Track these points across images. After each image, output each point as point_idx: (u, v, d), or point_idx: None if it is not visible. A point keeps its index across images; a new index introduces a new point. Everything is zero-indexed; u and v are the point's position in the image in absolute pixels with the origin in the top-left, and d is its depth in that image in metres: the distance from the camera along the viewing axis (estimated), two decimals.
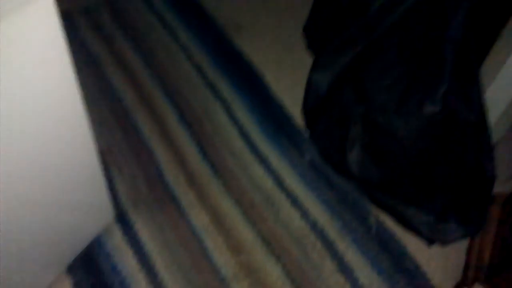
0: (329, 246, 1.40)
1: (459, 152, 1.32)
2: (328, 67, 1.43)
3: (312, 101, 1.49)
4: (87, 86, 0.93)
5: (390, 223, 1.45)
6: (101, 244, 1.35)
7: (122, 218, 1.40)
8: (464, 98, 1.28)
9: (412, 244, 1.42)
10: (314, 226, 1.43)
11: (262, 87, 1.72)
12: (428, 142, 1.28)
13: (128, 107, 1.63)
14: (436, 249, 1.41)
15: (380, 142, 1.34)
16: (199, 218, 1.42)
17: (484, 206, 1.38)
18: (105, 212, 1.37)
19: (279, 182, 1.51)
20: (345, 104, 1.41)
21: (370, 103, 1.34)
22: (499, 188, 1.42)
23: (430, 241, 1.42)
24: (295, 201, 1.48)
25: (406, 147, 1.30)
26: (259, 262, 1.36)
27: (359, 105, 1.36)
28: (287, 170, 1.54)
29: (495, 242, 1.33)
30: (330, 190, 1.51)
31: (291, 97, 1.69)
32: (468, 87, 1.28)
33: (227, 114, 1.64)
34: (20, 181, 0.97)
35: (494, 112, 1.41)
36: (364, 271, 1.37)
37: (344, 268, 1.37)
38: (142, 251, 1.35)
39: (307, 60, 1.57)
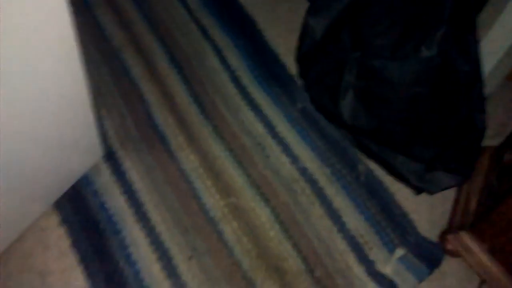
0: (318, 191, 1.40)
1: (451, 101, 1.32)
2: (324, 11, 1.40)
3: (307, 47, 1.47)
4: (77, 26, 0.90)
5: (379, 172, 1.46)
6: (89, 182, 1.34)
7: (110, 158, 1.38)
8: (460, 46, 1.27)
9: (400, 192, 1.43)
10: (303, 172, 1.43)
11: (256, 34, 1.69)
12: (422, 88, 1.28)
13: (118, 48, 1.59)
14: (423, 198, 1.43)
15: (373, 87, 1.33)
16: (189, 160, 1.41)
17: (473, 156, 1.39)
18: (94, 150, 1.35)
19: (270, 128, 1.50)
20: (340, 49, 1.40)
21: (366, 47, 1.32)
22: (488, 141, 1.43)
23: (418, 190, 1.43)
24: (285, 148, 1.47)
25: (400, 93, 1.29)
26: (248, 204, 1.36)
27: (355, 50, 1.35)
28: (279, 117, 1.53)
29: (482, 191, 1.34)
30: (321, 138, 1.50)
31: (285, 45, 1.67)
32: (465, 34, 1.27)
33: (219, 59, 1.61)
34: (12, 115, 0.94)
35: (487, 65, 1.41)
36: (351, 216, 1.38)
37: (332, 213, 1.38)
38: (131, 190, 1.34)
39: (303, 8, 1.54)
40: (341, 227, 1.36)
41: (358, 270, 1.30)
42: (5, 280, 1.18)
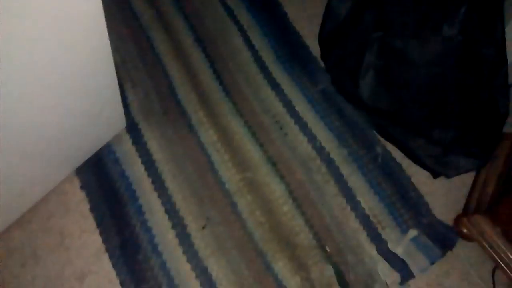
0: (334, 170, 1.41)
1: (473, 84, 1.31)
2: None
3: (329, 28, 1.48)
4: (105, 2, 0.94)
5: (396, 154, 1.45)
6: (111, 151, 1.39)
7: (133, 129, 1.43)
8: (485, 28, 1.25)
9: (417, 175, 1.43)
10: (320, 151, 1.44)
11: (281, 16, 1.70)
12: (443, 69, 1.27)
13: (146, 26, 1.63)
14: (440, 182, 1.42)
15: (394, 67, 1.33)
16: (208, 135, 1.44)
17: (493, 141, 1.37)
18: (117, 121, 1.39)
19: (290, 108, 1.52)
20: (362, 30, 1.40)
21: (388, 27, 1.32)
22: (510, 128, 1.41)
23: (435, 174, 1.42)
24: (304, 127, 1.48)
25: (420, 73, 1.29)
26: (263, 179, 1.38)
27: (376, 30, 1.35)
28: (299, 97, 1.54)
29: (500, 176, 1.32)
30: (340, 119, 1.51)
31: (308, 27, 1.67)
32: (491, 16, 1.25)
33: (243, 39, 1.64)
34: (43, 86, 1.00)
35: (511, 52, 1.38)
36: (366, 196, 1.38)
37: (346, 192, 1.38)
38: (150, 160, 1.38)
39: None
40: (355, 206, 1.36)
41: (369, 248, 1.30)
42: (28, 236, 1.24)
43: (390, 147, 1.46)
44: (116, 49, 1.13)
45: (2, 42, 0.80)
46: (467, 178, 1.41)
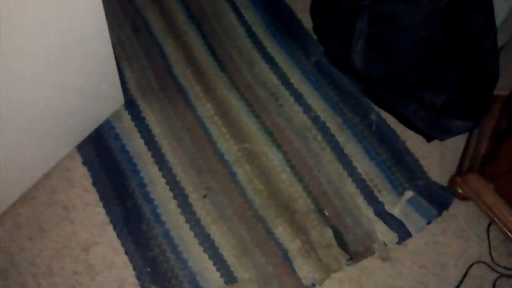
0: (330, 138, 1.44)
1: (463, 46, 1.33)
2: None
3: None
4: None
5: (390, 121, 1.48)
6: (111, 127, 1.42)
7: (131, 105, 1.46)
8: None
9: (412, 140, 1.46)
10: (316, 120, 1.47)
11: None
12: (432, 31, 1.29)
13: (139, 5, 1.66)
14: (434, 145, 1.45)
15: (385, 33, 1.35)
16: (205, 109, 1.47)
17: (485, 103, 1.40)
18: (116, 98, 1.42)
19: (284, 80, 1.54)
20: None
21: None
22: (500, 92, 1.44)
23: (429, 137, 1.45)
24: (299, 98, 1.51)
25: (410, 36, 1.31)
26: (261, 149, 1.41)
27: None
28: (293, 70, 1.57)
29: (492, 135, 1.35)
30: (334, 89, 1.54)
31: (300, 2, 1.70)
32: None
33: (236, 15, 1.66)
34: (43, 64, 1.03)
35: (499, 15, 1.41)
36: (362, 161, 1.41)
37: (342, 158, 1.41)
38: (150, 135, 1.41)
39: None
40: (351, 171, 1.40)
41: (366, 210, 1.34)
42: (33, 211, 1.27)
43: (384, 114, 1.49)
44: (112, 29, 1.15)
45: (1, 23, 0.82)
46: (461, 141, 1.44)
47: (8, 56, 0.91)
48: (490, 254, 1.31)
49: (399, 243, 1.30)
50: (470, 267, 1.29)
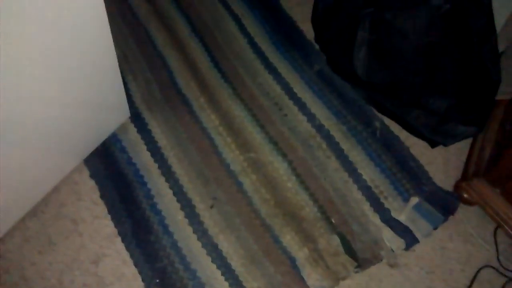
0: (334, 146, 1.45)
1: (465, 52, 1.34)
2: None
3: (322, 7, 1.53)
4: (106, 1, 1.00)
5: (394, 127, 1.49)
6: (117, 140, 1.43)
7: (137, 118, 1.47)
8: None
9: (416, 146, 1.47)
10: (320, 128, 1.48)
11: (273, 3, 1.75)
12: (433, 38, 1.30)
13: (143, 20, 1.68)
14: (439, 151, 1.46)
15: (386, 40, 1.37)
16: (210, 120, 1.48)
17: (487, 108, 1.41)
18: (121, 111, 1.44)
19: (288, 90, 1.56)
20: (353, 8, 1.44)
21: (378, 1, 1.36)
22: (502, 96, 1.45)
23: (433, 143, 1.46)
24: (302, 107, 1.53)
25: (411, 43, 1.32)
26: (266, 159, 1.42)
27: (367, 6, 1.39)
28: (296, 79, 1.58)
29: (496, 139, 1.36)
30: (337, 97, 1.55)
31: (302, 13, 1.72)
32: None
33: (238, 26, 1.68)
34: (50, 80, 1.06)
35: (499, 20, 1.43)
36: (367, 169, 1.42)
37: (348, 166, 1.42)
38: (156, 147, 1.43)
39: None
40: (357, 178, 1.40)
41: (373, 217, 1.34)
42: (42, 225, 1.28)
43: (388, 120, 1.50)
44: (116, 44, 1.18)
45: (7, 38, 0.84)
46: (466, 146, 1.45)
47: (17, 72, 0.93)
48: (498, 258, 1.31)
49: (406, 249, 1.31)
50: (478, 271, 1.29)
